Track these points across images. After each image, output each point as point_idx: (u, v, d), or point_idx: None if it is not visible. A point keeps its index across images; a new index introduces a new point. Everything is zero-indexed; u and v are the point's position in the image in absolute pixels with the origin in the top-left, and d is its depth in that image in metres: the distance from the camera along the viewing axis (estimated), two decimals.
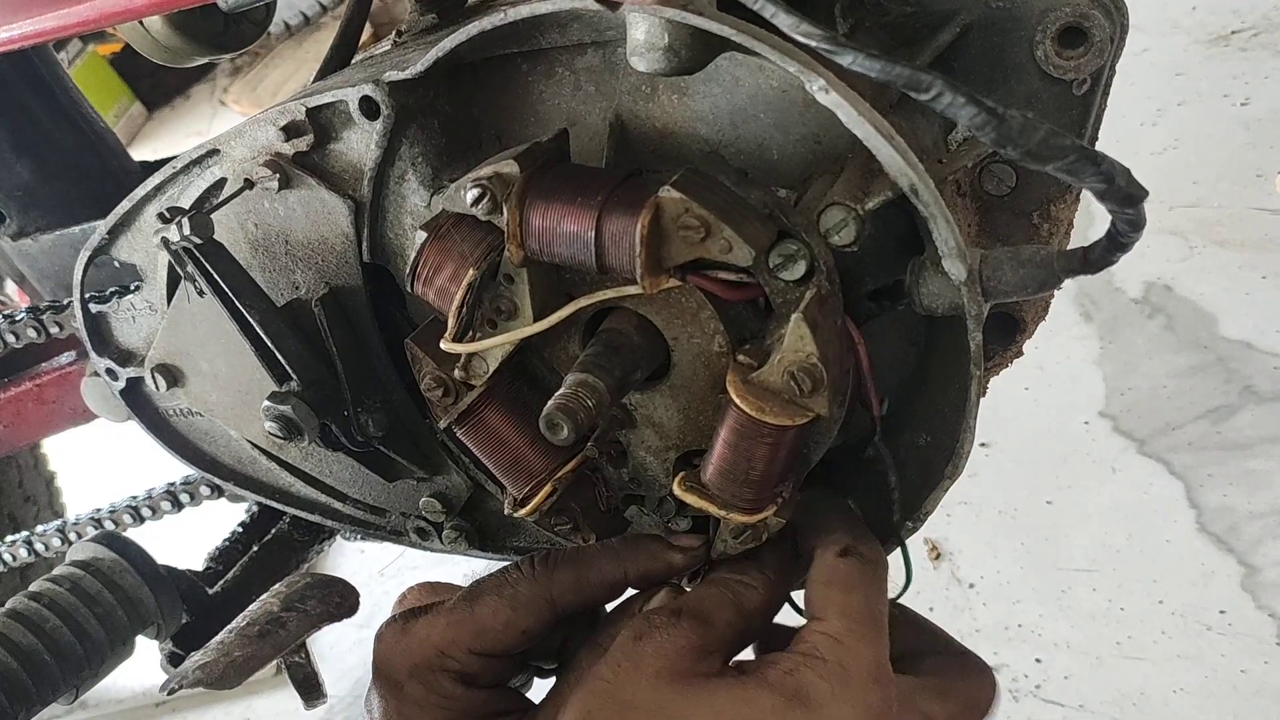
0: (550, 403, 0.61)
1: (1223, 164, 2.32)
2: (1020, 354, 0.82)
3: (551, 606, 0.69)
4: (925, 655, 0.70)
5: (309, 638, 0.65)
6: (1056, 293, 0.68)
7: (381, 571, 2.34)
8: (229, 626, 0.62)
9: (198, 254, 0.74)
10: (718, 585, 0.67)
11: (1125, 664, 1.67)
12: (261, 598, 0.64)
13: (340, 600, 0.66)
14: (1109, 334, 2.13)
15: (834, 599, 0.63)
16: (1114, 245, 0.56)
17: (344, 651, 2.15)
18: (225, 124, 4.48)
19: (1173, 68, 2.61)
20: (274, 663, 0.64)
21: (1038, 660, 1.73)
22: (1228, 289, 2.10)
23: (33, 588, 0.88)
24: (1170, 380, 2.00)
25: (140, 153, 4.51)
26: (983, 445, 2.03)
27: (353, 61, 0.96)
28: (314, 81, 0.94)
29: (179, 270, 0.76)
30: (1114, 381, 2.05)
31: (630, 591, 0.72)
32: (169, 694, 0.57)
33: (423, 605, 0.68)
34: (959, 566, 1.90)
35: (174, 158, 0.84)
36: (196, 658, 0.58)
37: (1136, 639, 1.70)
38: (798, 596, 0.70)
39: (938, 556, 1.91)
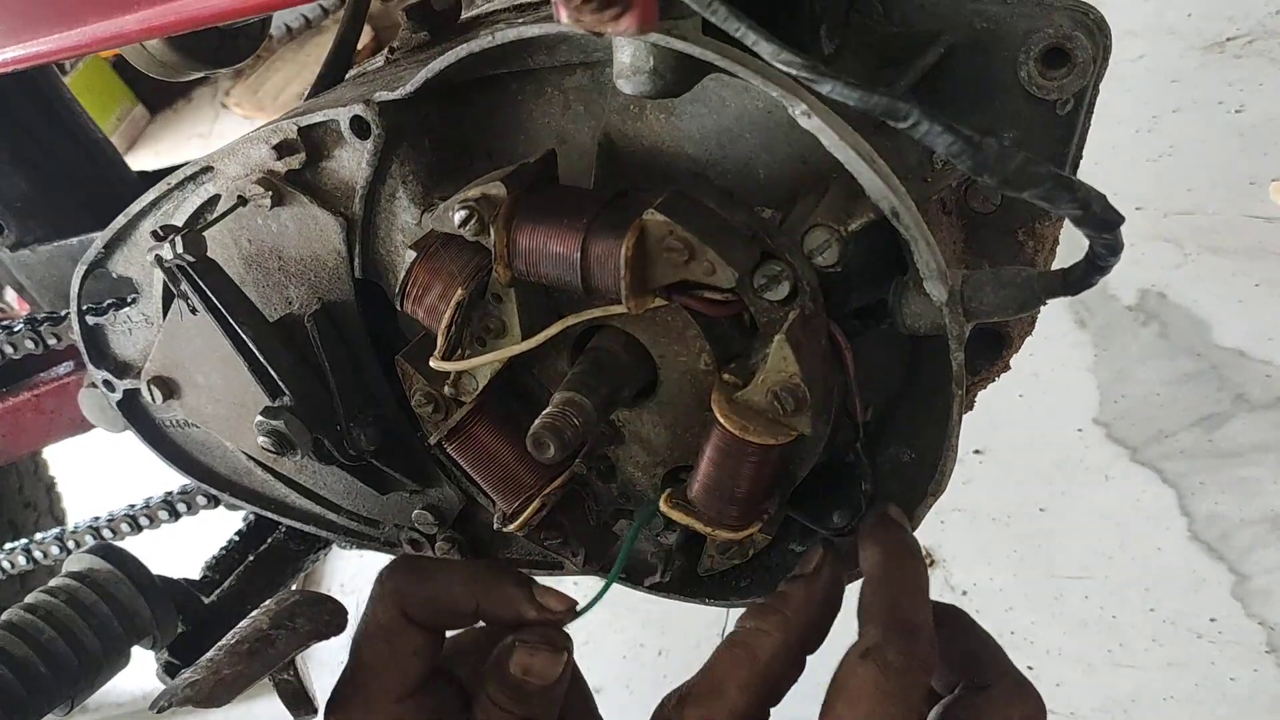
0: (537, 421, 0.61)
1: (1217, 171, 2.33)
2: (1007, 368, 0.83)
3: (410, 621, 0.66)
4: (985, 689, 0.65)
5: (298, 655, 0.66)
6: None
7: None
8: (219, 644, 0.63)
9: (191, 271, 0.74)
10: (731, 645, 0.64)
11: (1116, 671, 1.68)
12: (251, 614, 0.65)
13: (329, 618, 0.66)
14: (1103, 341, 2.14)
15: (838, 712, 0.57)
16: (1093, 268, 0.57)
17: (340, 661, 2.16)
18: (227, 127, 4.50)
19: (1168, 74, 2.61)
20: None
21: (1030, 667, 1.72)
22: (1221, 296, 2.10)
23: (28, 599, 0.89)
24: (1163, 388, 2.01)
25: (142, 155, 4.53)
26: (976, 452, 2.03)
27: (347, 77, 0.97)
28: (309, 95, 0.94)
29: (172, 288, 0.77)
30: (1107, 389, 2.06)
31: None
32: (158, 712, 0.58)
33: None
34: (952, 573, 1.91)
35: (170, 170, 0.85)
36: (186, 675, 0.59)
37: (1128, 646, 1.71)
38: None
39: (931, 563, 1.92)
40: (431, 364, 0.67)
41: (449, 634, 0.71)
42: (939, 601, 0.69)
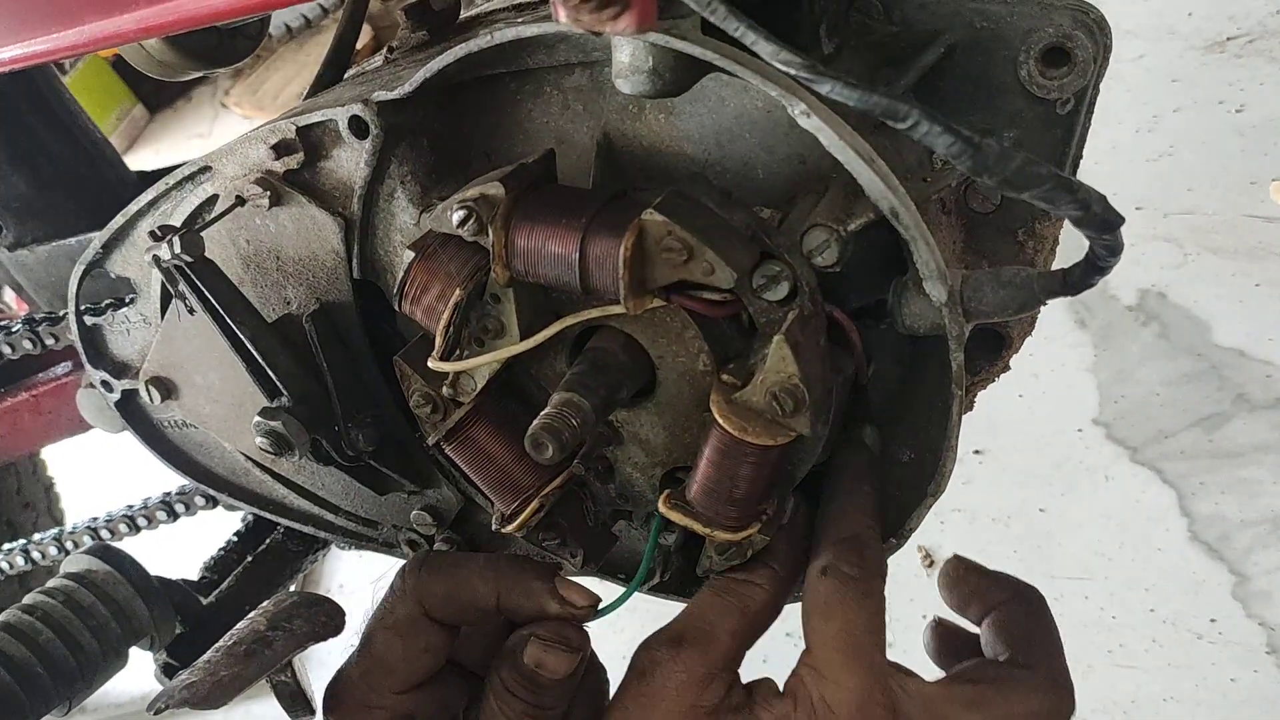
0: (535, 422, 0.61)
1: (1217, 171, 2.33)
2: (1007, 368, 0.83)
3: (430, 619, 0.66)
4: (1025, 667, 0.67)
5: (296, 656, 0.66)
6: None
7: (380, 578, 2.35)
8: (216, 646, 0.63)
9: (188, 271, 0.74)
10: (722, 593, 0.67)
11: (1116, 672, 1.68)
12: (249, 616, 0.65)
13: (326, 620, 0.66)
14: (1103, 341, 2.14)
15: (814, 626, 0.63)
16: (1092, 269, 0.56)
17: (338, 661, 2.16)
18: (226, 126, 4.50)
19: (1169, 74, 2.61)
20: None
21: None
22: (1221, 296, 2.10)
23: (26, 600, 0.88)
24: (1163, 388, 2.01)
25: (142, 155, 4.52)
26: (976, 452, 2.03)
27: (346, 76, 0.97)
28: (308, 95, 0.94)
29: (170, 288, 0.77)
30: (1107, 389, 2.06)
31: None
32: (156, 713, 0.58)
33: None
34: None
35: (169, 170, 0.85)
36: (183, 677, 0.59)
37: (1128, 647, 1.71)
38: None
39: (931, 564, 1.92)
40: (430, 364, 0.67)
41: None
42: (1024, 581, 0.74)
